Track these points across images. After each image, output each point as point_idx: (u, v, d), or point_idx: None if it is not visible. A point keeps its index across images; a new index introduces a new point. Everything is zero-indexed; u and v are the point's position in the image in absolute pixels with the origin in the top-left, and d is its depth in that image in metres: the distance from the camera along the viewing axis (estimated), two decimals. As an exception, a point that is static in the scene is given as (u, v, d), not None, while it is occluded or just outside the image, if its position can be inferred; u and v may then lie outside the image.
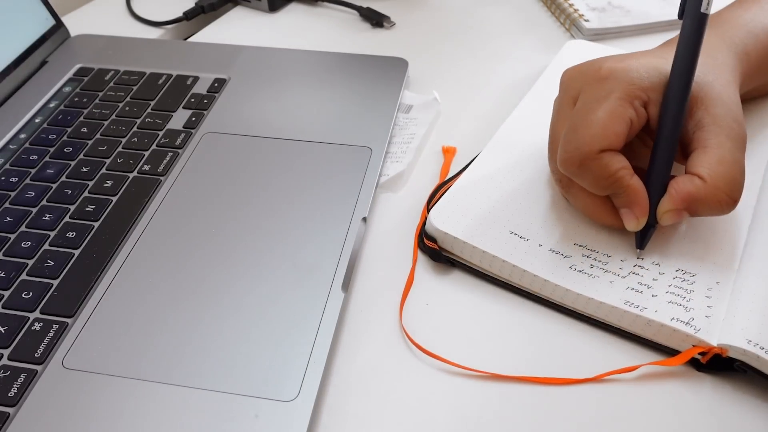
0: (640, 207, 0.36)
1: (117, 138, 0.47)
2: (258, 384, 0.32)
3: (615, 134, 0.35)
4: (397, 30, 0.62)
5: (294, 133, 0.47)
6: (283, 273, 0.37)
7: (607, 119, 0.35)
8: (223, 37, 0.62)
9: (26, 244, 0.39)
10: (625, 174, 0.35)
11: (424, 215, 0.41)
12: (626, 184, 0.35)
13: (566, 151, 0.36)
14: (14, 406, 0.32)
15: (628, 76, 0.36)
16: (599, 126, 0.35)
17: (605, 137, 0.35)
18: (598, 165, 0.35)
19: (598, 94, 0.36)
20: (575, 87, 0.38)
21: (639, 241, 0.37)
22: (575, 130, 0.36)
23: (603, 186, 0.36)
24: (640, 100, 0.36)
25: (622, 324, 0.35)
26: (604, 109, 0.35)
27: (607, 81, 0.36)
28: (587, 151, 0.35)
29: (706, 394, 0.33)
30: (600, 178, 0.35)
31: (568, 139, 0.36)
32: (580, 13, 0.61)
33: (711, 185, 0.34)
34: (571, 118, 0.37)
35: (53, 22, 0.57)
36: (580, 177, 0.36)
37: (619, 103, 0.35)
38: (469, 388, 0.34)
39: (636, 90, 0.36)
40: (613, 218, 0.37)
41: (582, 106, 0.37)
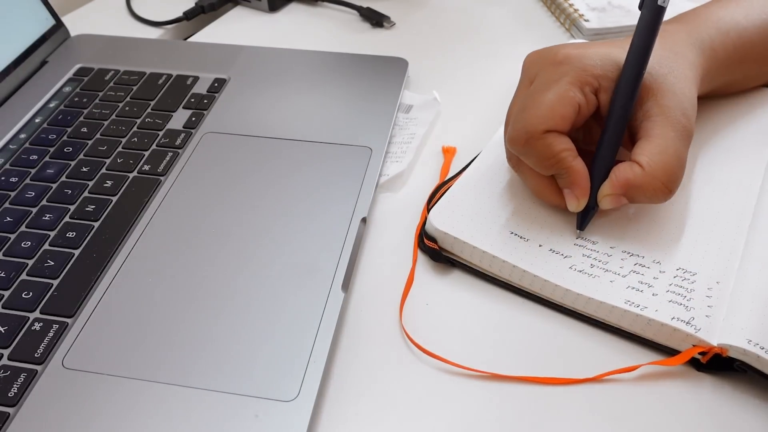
0: (581, 188, 0.37)
1: (117, 138, 0.47)
2: (258, 384, 0.32)
3: (561, 116, 0.36)
4: (397, 30, 0.62)
5: (294, 133, 0.47)
6: (283, 273, 0.37)
7: (555, 101, 0.36)
8: (223, 37, 0.62)
9: (26, 244, 0.39)
10: (568, 155, 0.36)
11: (424, 215, 0.41)
12: (568, 165, 0.36)
13: (514, 130, 0.37)
14: (14, 406, 0.32)
15: (582, 63, 0.37)
16: (546, 107, 0.36)
17: (551, 118, 0.36)
18: (542, 144, 0.36)
19: (551, 78, 0.37)
20: (533, 70, 0.39)
21: (579, 222, 0.38)
22: (523, 110, 0.37)
23: (546, 166, 0.37)
24: (591, 87, 0.37)
25: (622, 324, 0.35)
26: (553, 91, 0.37)
27: (561, 65, 0.38)
28: (532, 130, 0.36)
29: (706, 394, 0.33)
30: (543, 157, 0.37)
31: (517, 118, 0.37)
32: (580, 13, 0.61)
33: (649, 174, 0.35)
34: (522, 98, 0.38)
35: (53, 22, 0.57)
36: (525, 155, 0.37)
37: (568, 87, 0.37)
38: (469, 388, 0.34)
39: (587, 76, 0.37)
40: (558, 198, 0.38)
41: (534, 88, 0.38)
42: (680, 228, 0.39)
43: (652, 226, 0.39)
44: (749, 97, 0.47)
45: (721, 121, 0.46)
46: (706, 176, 0.42)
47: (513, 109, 0.39)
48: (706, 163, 0.43)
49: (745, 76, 0.46)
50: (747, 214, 0.39)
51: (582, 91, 0.37)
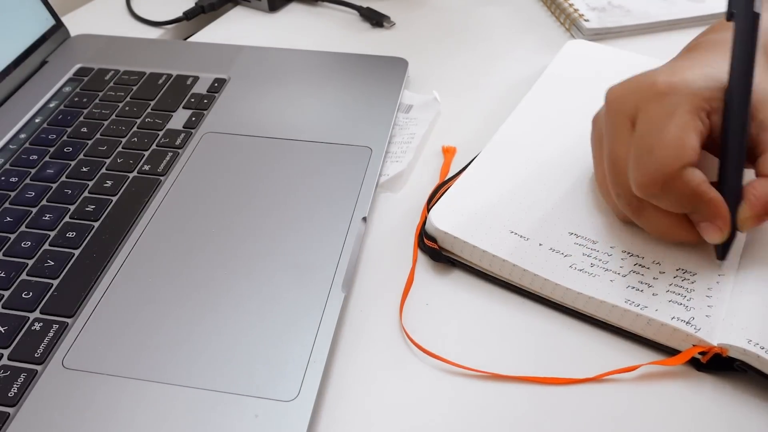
0: (723, 219, 0.34)
1: (117, 138, 0.47)
2: (258, 384, 0.32)
3: (692, 149, 0.34)
4: (397, 30, 0.63)
5: (294, 133, 0.47)
6: (283, 273, 0.37)
7: (682, 134, 0.34)
8: (223, 37, 0.62)
9: (26, 244, 0.39)
10: (706, 188, 0.34)
11: (424, 215, 0.41)
12: (708, 197, 0.34)
13: (645, 174, 0.34)
14: (14, 406, 0.32)
15: (689, 89, 0.35)
16: (676, 143, 0.34)
17: (684, 154, 0.33)
18: (681, 183, 0.34)
19: (664, 111, 0.35)
20: (630, 106, 0.36)
21: (721, 252, 0.36)
22: (651, 151, 0.34)
23: (686, 203, 0.34)
24: (705, 111, 0.35)
25: (623, 323, 0.35)
26: (675, 124, 0.34)
27: (668, 96, 0.35)
28: (669, 170, 0.33)
29: (706, 394, 0.33)
30: (683, 195, 0.34)
31: (645, 161, 0.34)
32: (580, 13, 0.61)
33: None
34: (639, 139, 0.35)
35: (53, 22, 0.57)
36: (662, 198, 0.35)
37: (689, 116, 0.34)
38: (469, 388, 0.34)
39: (700, 101, 0.35)
40: (691, 234, 0.36)
41: (649, 124, 0.35)
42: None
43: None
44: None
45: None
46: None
47: (619, 151, 0.36)
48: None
49: None
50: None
51: (700, 118, 0.35)
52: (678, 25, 0.61)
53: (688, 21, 0.61)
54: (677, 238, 0.37)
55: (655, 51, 0.57)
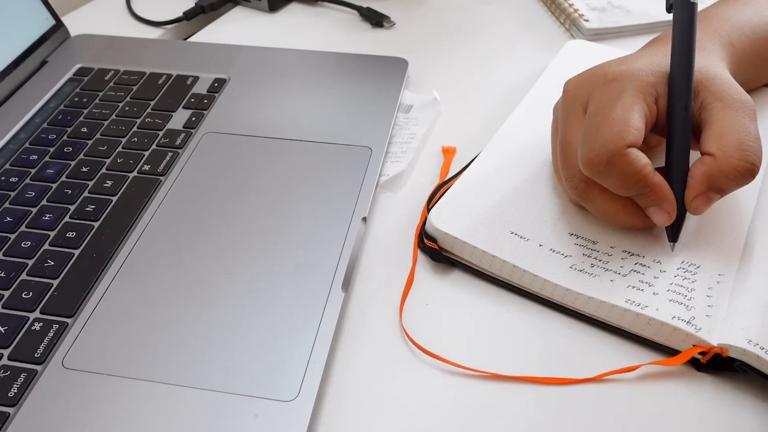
0: (668, 201, 0.35)
1: (117, 138, 0.47)
2: (258, 384, 0.32)
3: (637, 129, 0.35)
4: (397, 30, 0.62)
5: (294, 133, 0.47)
6: (283, 273, 0.37)
7: (627, 114, 0.35)
8: (223, 37, 0.62)
9: (26, 244, 0.39)
10: (650, 171, 0.35)
11: (424, 215, 0.41)
12: (652, 181, 0.35)
13: (591, 150, 0.35)
14: (14, 406, 0.32)
15: (636, 75, 0.37)
16: (621, 122, 0.35)
17: (629, 132, 0.35)
18: (625, 161, 0.34)
19: (611, 95, 0.36)
20: (583, 94, 0.38)
21: (672, 235, 0.37)
22: (597, 129, 0.35)
23: (630, 184, 0.35)
24: (651, 96, 0.37)
25: (623, 323, 0.35)
26: (620, 105, 0.35)
27: (615, 82, 0.37)
28: (614, 147, 0.34)
29: (706, 394, 0.33)
30: (627, 175, 0.35)
31: (592, 138, 0.35)
32: (580, 13, 0.61)
33: (722, 157, 0.34)
34: (587, 119, 0.37)
35: (53, 22, 0.57)
36: (605, 176, 0.35)
37: (634, 99, 0.36)
38: (469, 388, 0.34)
39: (645, 86, 0.37)
40: (639, 219, 0.37)
41: (598, 107, 0.36)
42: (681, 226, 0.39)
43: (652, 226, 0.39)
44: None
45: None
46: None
47: (570, 137, 0.38)
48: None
49: (759, 74, 0.46)
50: (747, 214, 0.39)
51: (645, 102, 0.36)
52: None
53: (688, 21, 0.61)
54: (623, 223, 0.38)
55: (655, 51, 0.57)
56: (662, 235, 0.38)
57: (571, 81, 0.40)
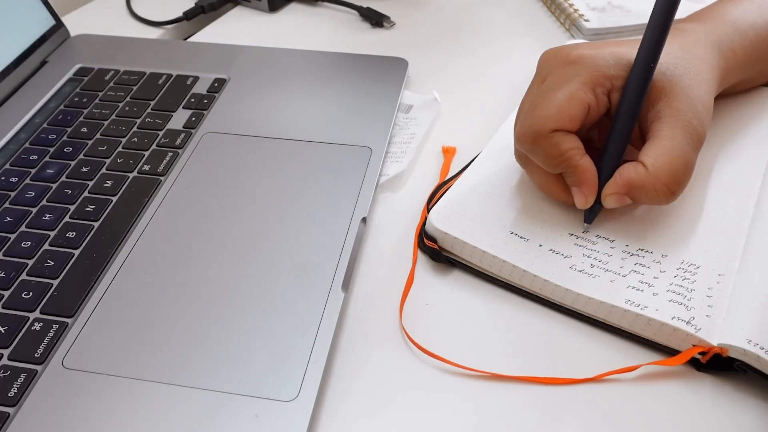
0: (588, 186, 0.37)
1: (117, 138, 0.47)
2: (258, 384, 0.32)
3: (569, 117, 0.36)
4: (397, 30, 0.62)
5: (294, 133, 0.47)
6: (283, 273, 0.37)
7: (565, 102, 0.36)
8: (223, 37, 0.62)
9: (26, 244, 0.39)
10: (575, 154, 0.36)
11: (424, 215, 0.41)
12: (575, 163, 0.36)
13: (522, 128, 0.37)
14: (14, 406, 0.32)
15: (595, 63, 0.37)
16: (556, 107, 0.36)
17: (559, 118, 0.36)
18: (549, 143, 0.36)
19: (563, 77, 0.37)
20: (547, 68, 0.39)
21: (587, 216, 0.38)
22: (533, 108, 0.37)
23: (553, 164, 0.37)
24: (603, 87, 0.37)
25: (623, 323, 0.35)
26: (563, 91, 0.36)
27: (573, 65, 0.37)
28: (540, 129, 0.36)
29: (706, 394, 0.33)
30: (550, 156, 0.37)
31: (526, 116, 0.37)
32: (580, 13, 0.61)
33: (652, 174, 0.35)
34: (532, 96, 0.38)
35: (53, 22, 0.57)
36: (532, 153, 0.38)
37: (580, 87, 0.37)
38: (469, 388, 0.34)
39: (600, 77, 0.37)
40: (565, 195, 0.38)
41: (545, 86, 0.38)
42: (680, 228, 0.39)
43: (652, 226, 0.39)
44: (749, 97, 0.47)
45: (720, 121, 0.46)
46: (705, 176, 0.42)
47: (524, 106, 0.39)
48: (705, 163, 0.43)
49: (759, 73, 0.46)
50: (747, 214, 0.39)
51: (593, 92, 0.37)
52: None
53: (688, 21, 0.61)
54: (553, 196, 0.39)
55: (655, 51, 0.57)
56: (662, 235, 0.38)
57: (544, 53, 0.41)
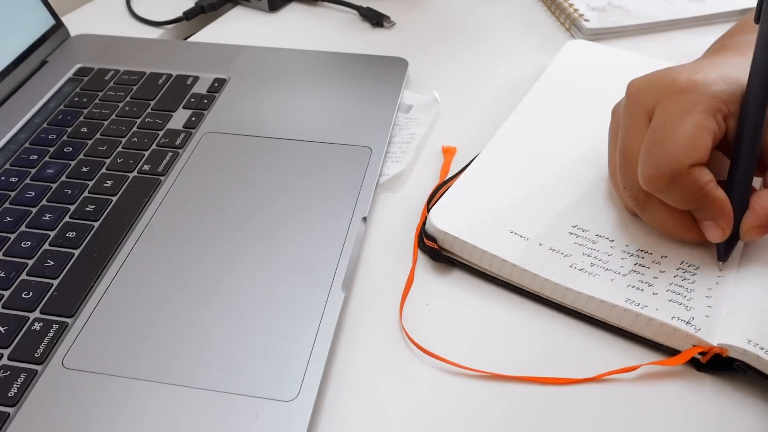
0: (726, 218, 0.35)
1: (117, 138, 0.47)
2: (258, 384, 0.32)
3: (704, 148, 0.34)
4: (397, 30, 0.62)
5: (294, 133, 0.47)
6: (283, 273, 0.37)
7: (695, 133, 0.34)
8: (223, 37, 0.62)
9: (26, 244, 0.39)
10: (713, 187, 0.34)
11: (424, 215, 0.41)
12: (713, 197, 0.34)
13: (654, 167, 0.34)
14: (14, 406, 0.32)
15: (709, 89, 0.35)
16: (688, 140, 0.34)
17: (695, 152, 0.34)
18: (689, 180, 0.34)
19: (681, 107, 0.35)
20: (649, 100, 0.36)
21: (722, 254, 0.36)
22: (662, 145, 0.34)
23: (691, 200, 0.35)
24: (722, 113, 0.35)
25: (622, 323, 0.35)
26: (690, 122, 0.34)
27: (687, 93, 0.35)
28: (677, 167, 0.34)
29: (706, 394, 0.33)
30: (689, 192, 0.34)
31: (655, 154, 0.34)
32: (580, 13, 0.61)
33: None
34: (652, 132, 0.35)
35: (53, 22, 0.57)
36: (667, 193, 0.35)
37: (704, 116, 0.34)
38: (469, 388, 0.34)
39: (718, 103, 0.35)
40: (693, 233, 0.36)
41: (665, 119, 0.35)
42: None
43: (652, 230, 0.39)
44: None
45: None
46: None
47: (632, 143, 0.37)
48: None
49: None
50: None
51: (715, 120, 0.35)
52: (678, 25, 0.61)
53: (688, 21, 0.61)
54: (679, 236, 0.37)
55: (655, 51, 0.57)
56: (662, 236, 0.38)
57: (635, 83, 0.38)
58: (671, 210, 0.36)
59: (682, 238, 0.37)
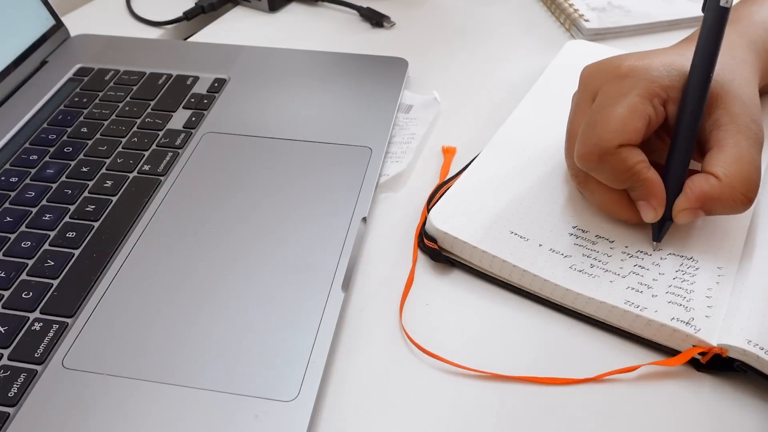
0: (658, 198, 0.36)
1: (117, 138, 0.47)
2: (258, 384, 0.32)
3: (634, 130, 0.35)
4: (397, 30, 0.62)
5: (294, 133, 0.47)
6: (283, 273, 0.37)
7: (627, 115, 0.35)
8: (223, 37, 0.62)
9: (26, 244, 0.39)
10: (643, 167, 0.36)
11: (424, 215, 0.41)
12: (644, 177, 0.36)
13: (585, 146, 0.36)
14: (14, 406, 0.32)
15: (649, 74, 0.36)
16: (619, 121, 0.35)
17: (624, 132, 0.35)
18: (617, 159, 0.35)
19: (619, 91, 0.36)
20: (594, 84, 0.38)
21: (656, 234, 0.37)
22: (594, 125, 0.36)
23: (621, 179, 0.36)
24: (660, 98, 0.36)
25: (622, 324, 0.35)
26: (623, 105, 0.36)
27: (627, 78, 0.37)
28: (606, 146, 0.35)
29: (706, 394, 0.33)
30: (618, 171, 0.36)
31: (587, 134, 0.36)
32: (580, 13, 0.61)
33: (726, 184, 0.35)
34: (590, 114, 0.37)
35: (53, 22, 0.57)
36: (598, 171, 0.36)
37: (639, 99, 0.36)
38: (469, 388, 0.34)
39: (656, 88, 0.36)
40: (630, 212, 0.38)
41: (602, 101, 0.37)
42: (679, 229, 0.39)
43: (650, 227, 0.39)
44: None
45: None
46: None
47: (575, 125, 0.39)
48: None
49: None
50: (746, 214, 0.39)
51: (652, 104, 0.36)
52: (678, 25, 0.61)
53: (688, 21, 0.61)
54: (617, 216, 0.38)
55: (655, 51, 0.57)
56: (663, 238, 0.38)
57: (586, 68, 0.40)
58: (608, 190, 0.37)
59: (619, 218, 0.38)
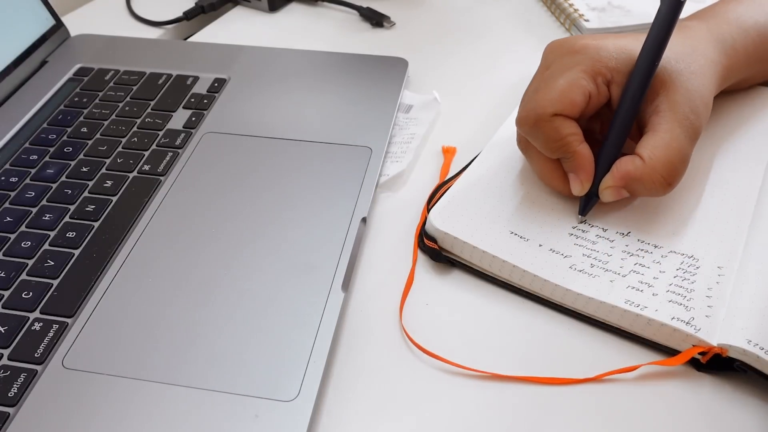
0: (585, 172, 0.38)
1: (117, 138, 0.47)
2: (258, 384, 0.32)
3: (570, 102, 0.37)
4: (397, 30, 0.62)
5: (294, 133, 0.47)
6: (283, 273, 0.37)
7: (566, 87, 0.37)
8: (223, 37, 0.62)
9: (26, 244, 0.39)
10: (574, 140, 0.37)
11: (424, 215, 0.41)
12: (574, 149, 0.37)
13: (523, 110, 0.38)
14: (14, 406, 0.32)
15: (598, 54, 0.38)
16: (557, 92, 0.37)
17: (560, 102, 0.37)
18: (550, 127, 0.37)
19: (565, 65, 0.38)
20: (551, 57, 0.40)
21: (582, 208, 0.39)
22: (535, 92, 0.38)
23: (552, 148, 0.38)
24: (604, 78, 0.38)
25: (622, 324, 0.35)
26: (565, 77, 0.37)
27: (577, 54, 0.38)
28: (541, 112, 0.37)
29: (706, 394, 0.33)
30: (550, 139, 0.37)
31: (528, 99, 0.38)
32: (580, 13, 0.61)
33: (649, 166, 0.36)
34: (536, 81, 0.39)
35: (53, 22, 0.57)
36: (532, 137, 0.38)
37: (581, 75, 0.37)
38: (469, 388, 0.34)
39: (601, 67, 0.38)
40: (561, 183, 0.39)
41: (548, 73, 0.39)
42: (680, 228, 0.39)
43: (652, 226, 0.39)
44: (750, 96, 0.47)
45: (720, 120, 0.46)
46: (705, 176, 0.42)
47: (528, 92, 0.40)
48: (705, 163, 0.43)
49: (760, 72, 0.46)
50: (747, 214, 0.39)
51: (594, 81, 0.38)
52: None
53: (688, 21, 0.61)
54: (550, 184, 0.40)
55: (655, 51, 0.57)
56: (662, 236, 0.38)
57: (550, 43, 0.41)
58: (545, 159, 0.39)
59: (552, 187, 0.40)
